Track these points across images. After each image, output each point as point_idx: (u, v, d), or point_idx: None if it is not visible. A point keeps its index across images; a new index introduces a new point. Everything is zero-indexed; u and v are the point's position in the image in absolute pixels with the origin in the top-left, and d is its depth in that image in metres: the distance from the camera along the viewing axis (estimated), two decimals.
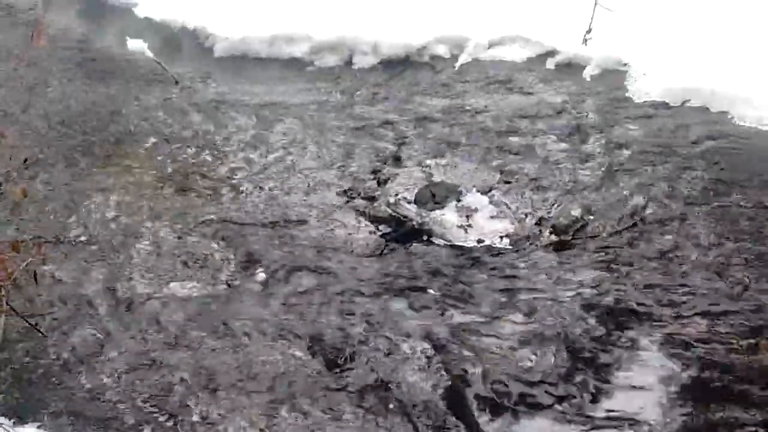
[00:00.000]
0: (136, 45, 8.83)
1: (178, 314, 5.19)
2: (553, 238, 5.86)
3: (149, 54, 8.66)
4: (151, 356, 4.88)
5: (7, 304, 4.90)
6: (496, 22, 8.87)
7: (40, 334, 4.93)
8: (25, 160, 6.55)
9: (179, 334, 5.04)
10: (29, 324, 4.93)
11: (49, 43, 8.37)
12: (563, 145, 6.88)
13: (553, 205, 6.17)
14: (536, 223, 5.99)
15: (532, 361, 4.82)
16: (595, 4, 3.40)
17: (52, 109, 7.58)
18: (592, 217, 5.99)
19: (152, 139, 7.14)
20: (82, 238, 5.87)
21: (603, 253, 5.65)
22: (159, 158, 6.86)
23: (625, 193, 6.21)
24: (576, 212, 5.99)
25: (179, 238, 5.87)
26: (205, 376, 4.76)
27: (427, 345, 4.94)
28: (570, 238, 5.84)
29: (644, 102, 7.46)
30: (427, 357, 4.87)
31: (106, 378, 4.75)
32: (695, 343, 4.86)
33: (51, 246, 5.61)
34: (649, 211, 6.00)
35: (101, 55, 8.84)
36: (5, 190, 5.48)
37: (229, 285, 5.45)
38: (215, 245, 5.81)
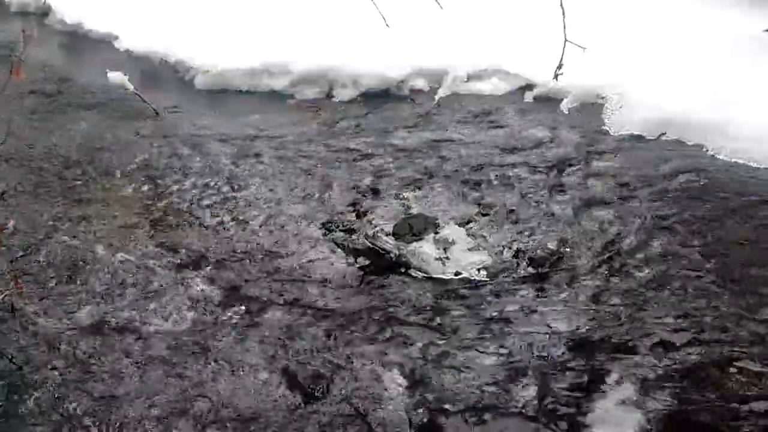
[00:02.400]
0: (116, 78, 8.86)
1: (155, 347, 5.17)
2: (531, 270, 5.88)
3: (129, 87, 8.69)
4: (126, 389, 4.86)
5: None
6: (475, 55, 8.97)
7: (17, 369, 4.90)
8: (2, 194, 6.54)
9: (156, 367, 5.02)
10: (6, 359, 4.91)
11: (29, 77, 8.39)
12: (541, 178, 6.93)
13: (530, 237, 6.21)
14: (513, 256, 6.02)
15: (509, 394, 4.82)
16: (565, 41, 3.44)
17: (30, 143, 7.58)
18: (569, 250, 6.03)
19: (131, 172, 7.15)
20: (59, 272, 5.85)
21: (580, 286, 5.68)
22: (138, 191, 6.86)
23: (602, 225, 6.25)
24: (553, 245, 6.03)
25: (156, 270, 5.86)
26: (181, 409, 4.74)
27: (404, 378, 4.94)
28: (547, 270, 5.87)
29: (621, 135, 7.54)
30: (405, 389, 4.86)
31: (80, 412, 4.72)
32: (673, 377, 4.87)
33: (27, 279, 5.58)
34: (625, 243, 6.03)
35: (81, 88, 8.86)
36: None
37: (206, 316, 5.44)
38: (192, 278, 5.80)
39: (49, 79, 8.95)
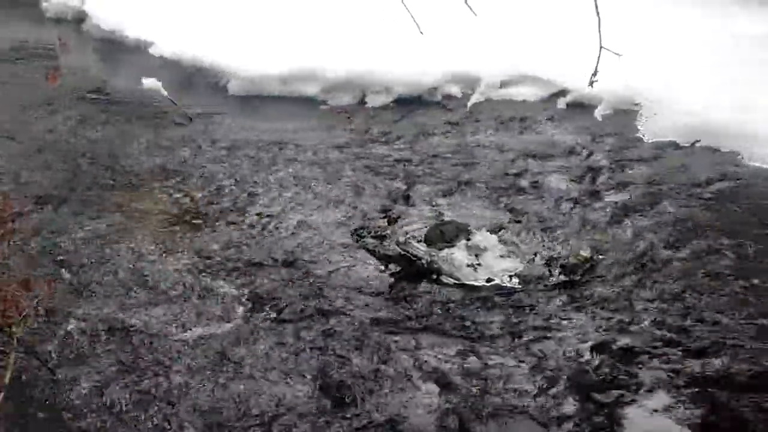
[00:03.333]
0: (150, 83, 8.93)
1: (189, 351, 5.19)
2: (562, 277, 5.86)
3: (164, 92, 8.75)
4: (158, 393, 4.88)
5: (17, 341, 4.93)
6: (508, 61, 8.96)
7: (49, 371, 4.94)
8: (38, 198, 6.60)
9: (189, 371, 5.03)
10: (39, 360, 4.95)
11: (66, 83, 8.49)
12: (573, 185, 6.91)
13: (562, 244, 6.18)
14: (545, 263, 6.00)
15: (540, 400, 4.80)
16: (600, 48, 3.42)
17: (66, 147, 7.65)
18: (601, 257, 6.00)
19: (164, 177, 7.19)
20: (93, 275, 5.89)
21: (612, 293, 5.64)
22: (171, 196, 6.90)
23: (635, 233, 6.22)
24: (585, 252, 6.00)
25: (190, 275, 5.88)
26: (212, 413, 4.75)
27: (435, 384, 4.93)
28: (579, 278, 5.84)
29: (655, 141, 7.50)
30: (435, 396, 4.85)
31: (112, 415, 4.75)
32: (706, 384, 4.83)
33: (61, 283, 5.63)
34: (658, 251, 6.00)
35: (116, 94, 8.94)
36: (18, 227, 5.52)
37: (239, 323, 5.45)
38: (226, 283, 5.82)
39: (84, 85, 9.02)
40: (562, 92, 8.58)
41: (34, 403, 4.76)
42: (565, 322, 5.42)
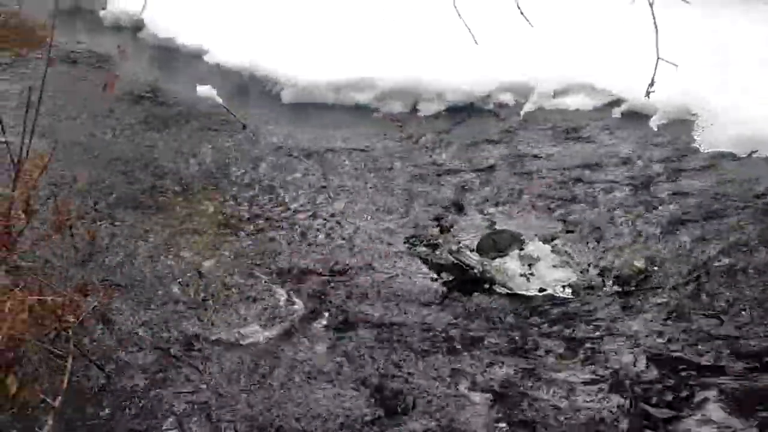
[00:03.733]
0: (205, 91, 9.01)
1: (240, 358, 5.22)
2: (617, 288, 5.81)
3: (218, 100, 8.83)
4: (211, 400, 4.91)
5: (74, 346, 4.99)
6: (561, 70, 8.91)
7: (105, 376, 5.00)
8: (95, 204, 6.68)
9: (240, 378, 5.06)
10: (96, 366, 5.01)
11: (123, 90, 8.61)
12: (628, 195, 6.85)
13: (616, 255, 6.13)
14: (599, 274, 5.95)
15: (593, 412, 4.76)
16: (657, 59, 3.40)
17: (121, 154, 7.74)
18: (656, 269, 5.94)
19: (218, 184, 7.25)
20: (147, 281, 5.95)
21: (667, 305, 5.58)
22: (224, 203, 6.96)
23: (690, 244, 6.15)
24: (640, 263, 5.94)
25: (242, 282, 5.92)
26: (263, 420, 4.78)
27: (488, 394, 4.90)
28: (633, 288, 5.79)
29: (711, 152, 7.41)
30: (488, 407, 4.83)
31: (163, 418, 4.79)
32: (762, 398, 4.76)
33: (117, 288, 5.69)
34: (714, 262, 5.92)
35: (171, 101, 9.04)
36: (75, 233, 5.60)
37: (290, 329, 5.48)
38: (278, 290, 5.85)
39: (140, 92, 9.13)
40: (617, 102, 8.51)
41: (90, 406, 4.81)
42: (619, 333, 5.36)
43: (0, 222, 4.20)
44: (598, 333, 5.37)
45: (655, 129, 7.94)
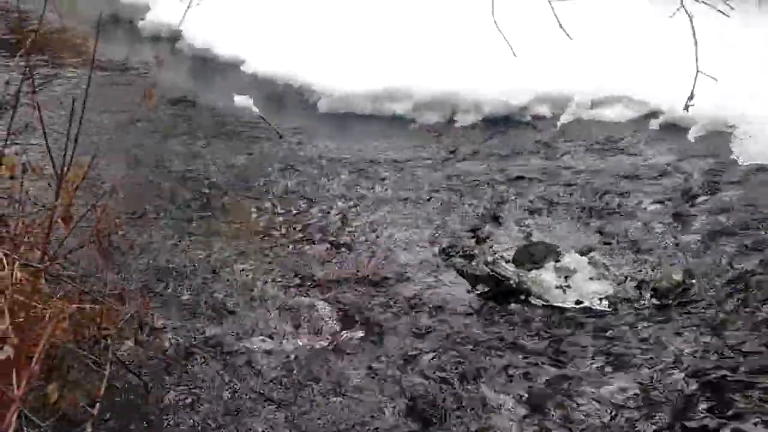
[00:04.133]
0: (242, 101, 9.08)
1: (276, 368, 5.24)
2: (654, 301, 5.77)
3: (255, 110, 8.89)
4: (245, 409, 4.93)
5: (112, 353, 5.03)
6: (599, 81, 8.87)
7: (143, 385, 5.03)
8: (133, 212, 6.74)
9: (275, 388, 5.08)
10: (133, 374, 5.04)
11: (161, 100, 8.68)
12: (665, 207, 6.80)
13: (654, 268, 6.09)
14: (636, 286, 5.91)
15: (629, 427, 4.72)
16: (697, 72, 3.38)
17: (159, 164, 7.80)
18: (694, 282, 5.89)
19: (254, 193, 7.29)
20: (185, 289, 5.99)
21: (706, 319, 5.53)
22: (261, 212, 6.99)
23: (728, 257, 6.09)
24: (678, 276, 5.89)
25: (279, 291, 5.95)
26: (302, 428, 4.79)
27: (523, 407, 4.88)
28: (671, 302, 5.74)
29: (750, 165, 7.34)
30: (523, 419, 4.81)
31: (200, 428, 4.81)
32: None
33: (155, 297, 5.73)
34: (753, 276, 5.86)
35: (208, 111, 9.11)
36: (113, 241, 5.65)
37: (328, 339, 5.49)
38: (315, 300, 5.87)
39: (178, 102, 9.21)
40: (654, 113, 8.46)
41: (127, 414, 4.85)
42: (656, 347, 5.32)
43: (43, 232, 4.24)
44: (635, 346, 5.34)
45: (693, 141, 7.88)
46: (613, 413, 4.82)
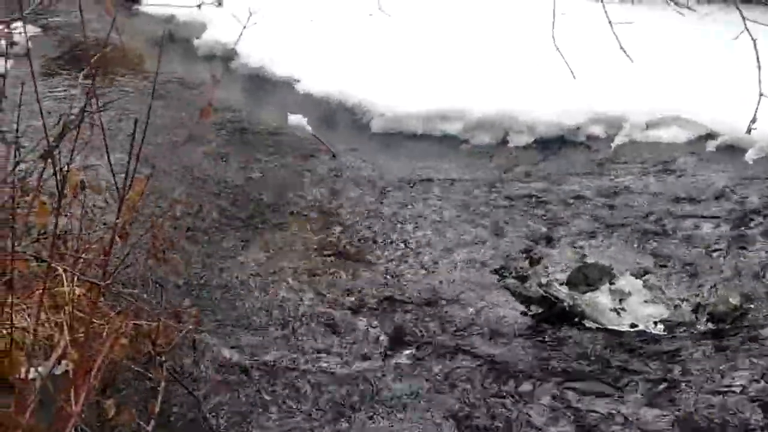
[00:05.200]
0: (296, 120, 9.15)
1: (326, 386, 5.24)
2: (711, 326, 5.69)
3: (308, 129, 8.95)
4: (297, 428, 4.94)
5: (167, 370, 5.08)
6: (654, 102, 8.81)
7: (196, 401, 5.07)
8: (189, 230, 6.80)
9: (326, 407, 5.08)
10: (187, 390, 5.08)
11: (216, 119, 8.77)
12: (722, 230, 6.72)
13: (710, 291, 6.01)
14: (693, 310, 5.84)
15: None
16: (760, 95, 3.35)
17: (215, 182, 7.88)
18: (752, 306, 5.80)
19: (307, 212, 7.33)
20: (235, 306, 6.03)
21: (764, 344, 5.44)
22: (314, 231, 7.02)
23: None
24: (735, 300, 5.81)
25: (331, 311, 5.96)
26: None
27: (577, 430, 4.84)
28: (728, 326, 5.66)
29: None
30: None
31: None
32: None
33: (209, 314, 5.78)
34: None
35: (263, 130, 9.19)
36: (169, 258, 5.71)
37: (378, 360, 5.48)
38: (364, 320, 5.87)
39: (233, 121, 9.30)
40: (711, 135, 8.38)
41: (181, 430, 4.89)
42: (712, 372, 5.25)
43: (102, 249, 4.30)
44: (690, 371, 5.26)
45: (751, 163, 7.78)
46: None
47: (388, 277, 6.37)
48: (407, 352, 5.56)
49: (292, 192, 7.69)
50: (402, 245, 6.78)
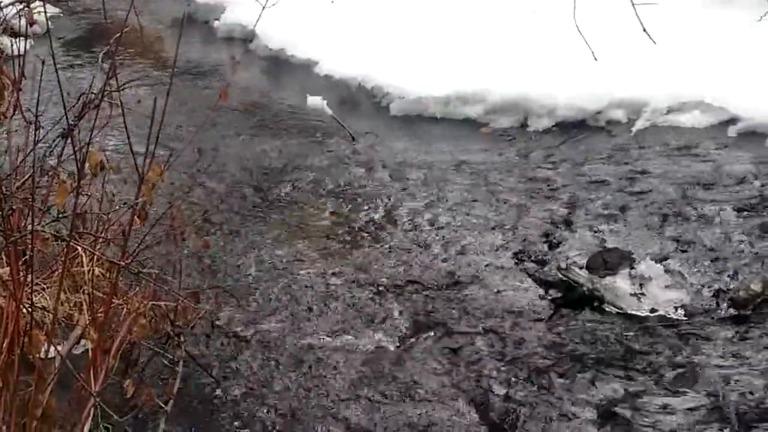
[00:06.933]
0: (315, 102, 9.11)
1: (346, 368, 5.25)
2: (731, 311, 5.65)
3: (328, 111, 8.92)
4: (316, 408, 4.94)
5: (185, 351, 5.10)
6: (675, 87, 8.73)
7: (214, 382, 5.08)
8: (205, 212, 6.81)
9: (347, 387, 5.09)
10: (205, 372, 5.10)
11: (235, 100, 8.77)
12: (744, 216, 6.67)
13: (731, 277, 5.97)
14: (713, 296, 5.80)
15: None
16: None
17: (234, 163, 7.87)
18: None
19: (326, 195, 7.32)
20: (254, 287, 6.03)
21: None
22: (333, 213, 7.02)
23: None
24: (756, 286, 5.75)
25: (349, 293, 5.95)
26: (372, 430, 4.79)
27: (596, 416, 4.83)
28: (749, 312, 5.62)
29: None
30: (596, 426, 4.75)
31: (269, 425, 4.83)
32: None
33: (226, 295, 5.78)
34: None
35: (282, 112, 9.18)
36: (189, 240, 5.72)
37: (399, 342, 5.48)
38: (385, 302, 5.86)
39: (252, 103, 9.29)
40: (733, 120, 8.30)
41: (199, 410, 4.90)
42: (733, 358, 5.22)
43: (121, 229, 4.31)
44: (710, 358, 5.24)
45: None
46: (687, 426, 4.74)
47: (406, 259, 6.35)
48: (426, 334, 5.55)
49: (311, 173, 7.68)
50: (421, 228, 6.76)
